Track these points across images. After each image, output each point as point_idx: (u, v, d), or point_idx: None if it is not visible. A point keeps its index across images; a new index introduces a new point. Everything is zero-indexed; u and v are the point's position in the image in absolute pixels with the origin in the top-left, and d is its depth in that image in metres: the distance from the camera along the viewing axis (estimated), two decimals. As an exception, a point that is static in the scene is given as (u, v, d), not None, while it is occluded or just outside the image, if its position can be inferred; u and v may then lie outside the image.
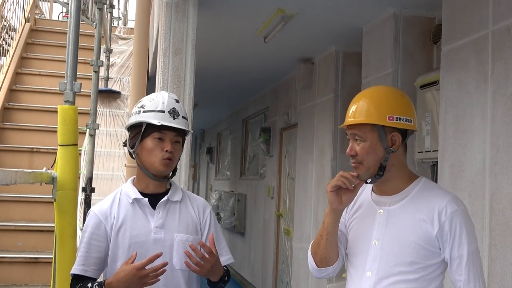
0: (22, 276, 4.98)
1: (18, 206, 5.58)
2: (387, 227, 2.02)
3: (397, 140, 2.00)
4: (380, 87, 2.22)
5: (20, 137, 6.32)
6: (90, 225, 2.23)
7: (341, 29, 5.07)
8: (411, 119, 2.03)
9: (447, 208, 1.95)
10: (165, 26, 3.96)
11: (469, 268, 1.93)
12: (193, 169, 16.83)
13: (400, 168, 2.06)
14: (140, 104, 2.29)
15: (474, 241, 1.97)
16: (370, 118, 1.99)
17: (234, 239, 10.46)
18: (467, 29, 3.39)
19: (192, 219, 2.32)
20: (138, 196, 2.26)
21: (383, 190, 2.08)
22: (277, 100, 7.87)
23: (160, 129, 2.22)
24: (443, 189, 2.09)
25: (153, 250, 2.19)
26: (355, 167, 2.04)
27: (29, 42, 7.87)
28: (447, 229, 1.94)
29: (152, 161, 2.23)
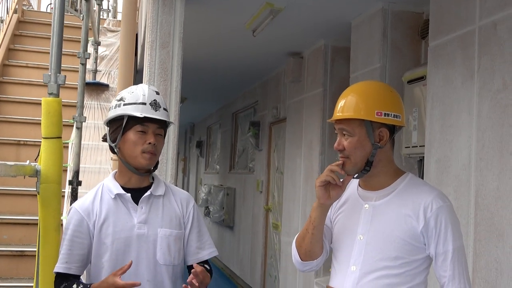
0: (8, 269, 4.95)
1: (4, 198, 5.53)
2: (372, 222, 2.02)
3: (385, 136, 2.00)
4: (369, 82, 2.22)
5: (6, 129, 6.26)
6: (72, 222, 2.20)
7: (330, 23, 5.06)
8: (399, 115, 2.03)
9: (433, 204, 1.95)
10: (152, 19, 3.94)
11: (454, 264, 1.93)
12: (183, 162, 16.80)
13: (387, 164, 2.06)
14: (119, 97, 2.25)
15: (459, 237, 1.97)
16: (358, 114, 1.99)
17: (223, 233, 10.46)
18: (454, 25, 3.38)
19: (175, 213, 2.30)
20: (120, 192, 2.23)
21: (370, 185, 2.08)
22: (266, 94, 7.85)
23: (142, 122, 2.19)
24: (429, 185, 2.09)
25: (136, 246, 2.19)
26: (343, 163, 2.03)
27: (16, 34, 7.80)
28: (432, 225, 1.94)
29: (135, 155, 2.19)
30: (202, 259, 2.38)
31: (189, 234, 2.34)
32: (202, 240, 2.37)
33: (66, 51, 7.19)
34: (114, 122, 2.23)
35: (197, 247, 2.36)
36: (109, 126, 2.27)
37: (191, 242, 2.35)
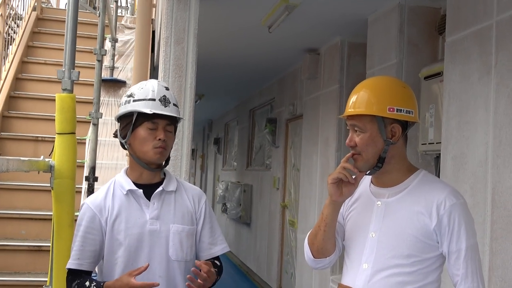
0: (25, 264, 5.00)
1: (22, 194, 5.58)
2: (384, 219, 1.99)
3: (397, 132, 1.98)
4: (381, 77, 2.19)
5: (25, 125, 6.32)
6: (84, 219, 2.20)
7: (346, 20, 5.02)
8: (412, 111, 2.00)
9: (446, 201, 1.92)
10: (167, 15, 3.94)
11: (467, 262, 1.91)
12: (201, 159, 16.84)
13: (399, 160, 2.03)
14: (129, 93, 2.25)
15: (473, 235, 1.94)
16: (370, 109, 1.96)
17: (240, 230, 10.47)
18: (471, 20, 3.33)
19: (187, 209, 2.30)
20: (132, 187, 2.22)
21: (382, 182, 2.06)
22: (283, 91, 7.83)
23: (152, 118, 2.18)
24: (442, 182, 2.06)
25: (148, 242, 2.19)
26: (355, 159, 2.01)
27: (35, 31, 7.86)
28: (445, 223, 1.91)
29: (145, 151, 2.19)
30: (214, 254, 2.37)
31: (202, 230, 2.34)
32: (214, 236, 2.37)
33: (84, 48, 7.28)
34: (124, 118, 2.23)
35: (209, 243, 2.36)
36: (120, 122, 2.27)
37: (203, 238, 2.35)
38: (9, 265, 4.96)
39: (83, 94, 6.53)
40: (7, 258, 4.97)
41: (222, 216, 11.89)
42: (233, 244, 11.10)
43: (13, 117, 6.37)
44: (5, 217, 5.28)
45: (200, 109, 11.82)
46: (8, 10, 6.82)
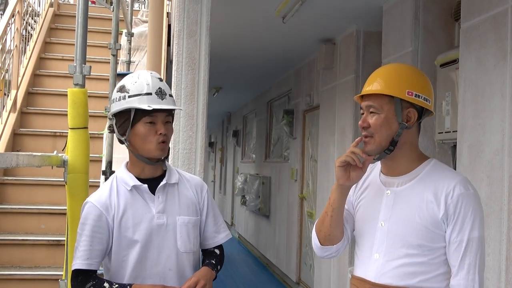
0: (46, 258, 5.05)
1: (42, 189, 5.64)
2: (394, 208, 1.97)
3: (413, 117, 1.96)
4: (401, 64, 2.19)
5: (43, 121, 6.37)
6: (91, 218, 2.15)
7: (361, 8, 4.97)
8: (430, 100, 1.98)
9: (455, 190, 1.89)
10: (179, 8, 3.93)
11: (466, 254, 1.86)
12: (220, 152, 16.87)
13: (411, 147, 2.00)
14: (122, 89, 2.17)
15: (478, 228, 1.88)
16: (389, 90, 1.94)
17: (259, 222, 10.47)
18: (486, 5, 3.27)
19: (191, 200, 2.29)
20: (136, 183, 2.19)
21: (392, 170, 2.03)
22: (299, 82, 7.79)
23: (150, 113, 2.13)
24: (453, 171, 2.02)
25: (157, 236, 2.18)
26: (366, 142, 1.98)
27: (52, 27, 7.92)
28: (451, 212, 1.88)
29: (148, 147, 2.15)
30: (218, 243, 2.38)
31: (206, 219, 2.33)
32: (217, 224, 2.37)
33: (101, 43, 7.31)
34: (120, 115, 2.16)
35: (214, 231, 2.36)
36: (116, 119, 2.19)
37: (208, 227, 2.34)
38: (29, 259, 5.02)
39: (100, 89, 6.58)
40: (27, 252, 5.03)
41: (241, 208, 11.92)
42: (253, 237, 11.11)
43: (31, 113, 6.43)
44: (26, 212, 5.35)
45: (218, 102, 11.82)
46: (25, 7, 6.87)
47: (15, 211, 5.32)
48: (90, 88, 3.66)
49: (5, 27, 5.89)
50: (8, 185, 5.58)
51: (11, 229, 5.23)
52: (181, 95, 3.83)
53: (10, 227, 5.24)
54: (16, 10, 6.21)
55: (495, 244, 3.05)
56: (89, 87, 3.23)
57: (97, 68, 6.64)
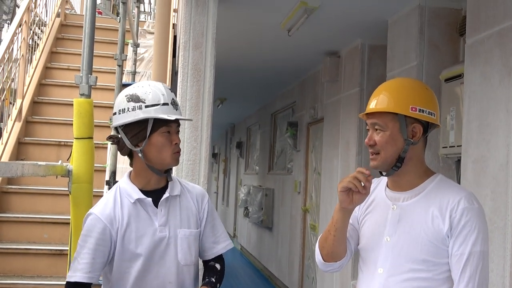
0: (48, 268, 5.04)
1: (45, 198, 5.64)
2: (399, 223, 1.96)
3: (418, 132, 1.96)
4: (404, 78, 2.19)
5: (48, 130, 6.39)
6: (95, 231, 2.12)
7: (366, 22, 4.99)
8: (434, 113, 1.98)
9: (459, 205, 1.88)
10: (185, 20, 3.95)
11: (466, 267, 1.85)
12: (224, 163, 16.87)
13: (417, 162, 2.00)
14: (135, 99, 2.13)
15: (482, 243, 1.87)
16: (392, 107, 1.95)
17: (262, 234, 10.45)
18: (491, 21, 3.28)
19: (192, 211, 2.28)
20: (141, 196, 2.17)
21: (398, 185, 2.03)
22: (304, 94, 7.81)
23: (168, 123, 2.13)
24: (459, 186, 2.02)
25: (159, 249, 2.18)
26: (372, 159, 1.99)
27: (59, 37, 7.96)
28: (455, 225, 1.87)
29: (163, 157, 2.15)
30: (217, 253, 2.36)
31: (204, 229, 2.32)
32: (216, 234, 2.35)
33: (107, 53, 7.35)
34: (134, 125, 2.13)
35: (212, 242, 2.34)
36: (125, 130, 2.15)
37: (206, 238, 2.33)
38: (31, 268, 5.01)
39: (105, 99, 6.60)
40: (29, 261, 5.02)
41: (244, 220, 11.89)
42: (255, 248, 11.08)
43: (36, 122, 6.45)
44: (29, 221, 5.35)
45: (222, 113, 11.84)
46: (32, 17, 6.92)
47: (18, 220, 5.32)
48: (95, 98, 3.67)
49: (12, 37, 5.93)
50: (11, 194, 5.58)
51: (14, 238, 5.23)
52: (186, 106, 3.85)
53: (13, 236, 5.24)
54: (23, 20, 6.25)
55: (499, 260, 3.04)
56: (94, 97, 3.24)
57: (103, 78, 6.67)
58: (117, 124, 2.17)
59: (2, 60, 5.64)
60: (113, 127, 2.23)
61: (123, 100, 2.16)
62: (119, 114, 2.16)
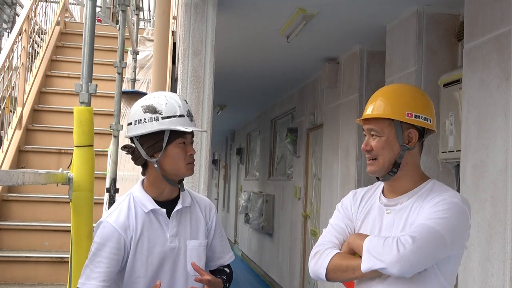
0: (49, 275, 5.04)
1: (46, 206, 5.64)
2: (394, 227, 1.98)
3: (414, 137, 1.98)
4: (400, 84, 2.21)
5: (49, 138, 6.39)
6: (110, 240, 2.12)
7: (365, 28, 5.01)
8: (430, 119, 2.00)
9: (441, 196, 1.91)
10: (184, 27, 3.98)
11: (417, 228, 1.85)
12: (224, 169, 16.88)
13: (413, 167, 2.02)
14: (152, 110, 2.14)
15: (444, 227, 1.83)
16: (388, 113, 1.97)
17: (262, 240, 10.44)
18: (489, 26, 3.30)
19: (201, 222, 2.30)
20: (155, 207, 2.18)
21: (393, 190, 2.05)
22: (303, 101, 7.82)
23: (183, 134, 2.15)
24: (451, 189, 2.03)
25: (169, 259, 2.19)
26: (369, 164, 2.01)
27: (58, 45, 7.98)
28: (429, 206, 1.89)
29: (178, 168, 2.16)
30: (225, 263, 2.40)
31: (213, 240, 2.34)
32: (224, 245, 2.39)
33: (107, 61, 7.36)
34: (150, 136, 2.14)
35: (220, 252, 2.38)
36: (141, 141, 2.16)
37: (215, 248, 2.36)
38: (32, 276, 5.01)
39: (105, 107, 6.61)
40: (30, 269, 5.02)
41: (245, 226, 11.88)
42: (256, 255, 11.07)
43: (37, 130, 6.46)
44: (30, 229, 5.35)
45: (222, 119, 11.86)
46: (32, 25, 6.94)
47: (19, 228, 5.32)
48: (96, 106, 3.69)
49: (12, 45, 5.95)
50: (12, 202, 5.59)
51: (15, 246, 5.23)
52: (186, 113, 3.85)
53: (13, 243, 5.24)
54: (23, 28, 6.27)
55: (499, 264, 3.05)
56: (94, 105, 3.26)
57: (103, 85, 6.68)
58: (133, 135, 2.17)
59: (2, 69, 5.66)
60: (128, 137, 2.22)
61: (139, 111, 2.16)
62: (135, 124, 2.16)
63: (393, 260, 1.80)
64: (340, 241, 2.08)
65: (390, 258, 1.80)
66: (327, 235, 2.12)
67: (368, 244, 1.88)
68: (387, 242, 1.84)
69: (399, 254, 1.79)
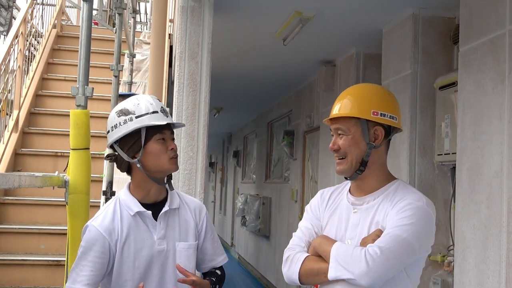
0: (45, 278, 5.04)
1: (42, 209, 5.65)
2: (359, 226, 2.01)
3: (380, 135, 2.02)
4: (366, 84, 2.28)
5: (45, 141, 6.40)
6: (94, 244, 2.13)
7: (361, 31, 5.02)
8: (396, 117, 2.05)
9: (406, 199, 1.94)
10: (181, 30, 3.98)
11: (383, 237, 1.88)
12: (221, 172, 16.88)
13: (379, 166, 2.06)
14: (124, 112, 2.17)
15: (410, 233, 1.87)
16: (354, 112, 2.01)
17: (259, 243, 10.44)
18: (484, 29, 3.31)
19: (190, 224, 2.29)
20: (141, 209, 2.18)
21: (360, 189, 2.08)
22: (300, 103, 7.83)
23: (161, 130, 2.16)
24: (416, 190, 2.06)
25: (157, 262, 2.19)
26: (338, 163, 2.05)
27: (55, 48, 7.99)
28: (395, 211, 1.92)
29: (161, 164, 2.16)
30: (217, 265, 2.39)
31: (204, 242, 2.34)
32: (215, 247, 2.38)
33: (103, 64, 7.37)
34: (128, 138, 2.15)
35: (212, 254, 2.37)
36: (121, 145, 2.18)
37: (206, 250, 2.35)
38: (29, 279, 5.01)
39: (102, 109, 6.62)
40: (27, 272, 5.02)
41: (242, 229, 11.88)
42: (253, 257, 11.07)
43: (33, 133, 6.47)
44: (26, 232, 5.35)
45: (219, 122, 11.87)
46: (28, 28, 6.94)
47: (15, 231, 5.33)
48: (92, 108, 3.68)
49: (9, 48, 5.95)
50: (8, 205, 5.59)
51: (11, 249, 5.23)
52: (182, 116, 3.86)
53: (10, 247, 5.24)
54: (20, 31, 6.28)
55: (494, 266, 3.06)
56: (91, 107, 3.26)
57: (99, 88, 6.69)
58: (112, 141, 2.19)
59: (-1, 72, 5.66)
60: (108, 145, 2.25)
61: (114, 117, 2.20)
62: (112, 131, 2.20)
63: (361, 272, 1.83)
64: (308, 243, 2.10)
65: (359, 270, 1.83)
66: (296, 238, 2.15)
67: (335, 252, 1.91)
68: (356, 253, 1.86)
69: (368, 267, 1.82)
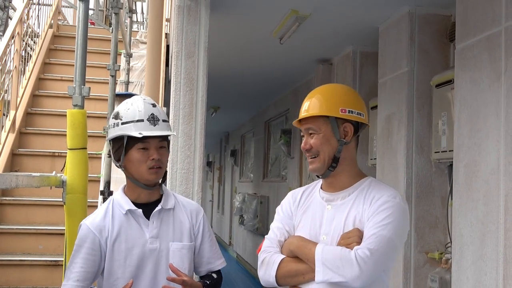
0: (43, 279, 5.04)
1: (40, 209, 5.65)
2: (334, 222, 2.03)
3: (350, 131, 2.07)
4: (333, 84, 2.34)
5: (42, 141, 6.39)
6: (85, 240, 2.17)
7: (357, 29, 5.02)
8: (363, 113, 2.10)
9: (382, 197, 1.98)
10: (177, 29, 3.97)
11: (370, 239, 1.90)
12: (218, 171, 16.88)
13: (350, 163, 2.10)
14: (116, 115, 2.21)
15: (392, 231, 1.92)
16: (323, 110, 2.06)
17: (257, 242, 10.44)
18: (480, 26, 3.32)
19: (185, 225, 2.29)
20: (131, 207, 2.20)
21: (332, 186, 2.10)
22: (297, 102, 7.82)
23: (143, 139, 2.16)
24: (389, 186, 2.09)
25: (149, 261, 2.20)
26: (311, 162, 2.07)
27: (51, 48, 7.98)
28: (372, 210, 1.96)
29: (141, 172, 2.17)
30: (214, 269, 2.38)
31: (201, 245, 2.33)
32: (213, 250, 2.37)
33: (100, 63, 7.37)
34: (116, 141, 2.21)
35: (209, 257, 2.36)
36: (112, 145, 2.24)
37: (203, 253, 2.34)
38: (27, 279, 5.01)
39: (98, 109, 6.61)
40: (25, 272, 5.02)
41: (239, 228, 11.89)
42: (251, 256, 11.07)
43: (30, 133, 6.46)
44: (24, 232, 5.35)
45: (216, 121, 11.86)
46: (25, 28, 6.93)
47: (13, 232, 5.32)
48: (89, 108, 3.69)
49: (5, 48, 5.94)
50: (6, 205, 5.58)
51: (9, 250, 5.22)
52: (179, 115, 3.86)
53: (8, 247, 5.23)
54: (16, 31, 6.26)
55: (492, 263, 3.07)
56: (88, 107, 3.26)
57: (96, 88, 6.69)
58: (107, 139, 2.27)
59: (-5, 72, 5.65)
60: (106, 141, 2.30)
61: (112, 116, 2.26)
62: (109, 129, 2.25)
63: (354, 275, 1.85)
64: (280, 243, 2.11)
65: (351, 273, 1.85)
66: (268, 241, 2.15)
67: (321, 255, 1.92)
68: (344, 255, 1.88)
69: (361, 270, 1.85)
